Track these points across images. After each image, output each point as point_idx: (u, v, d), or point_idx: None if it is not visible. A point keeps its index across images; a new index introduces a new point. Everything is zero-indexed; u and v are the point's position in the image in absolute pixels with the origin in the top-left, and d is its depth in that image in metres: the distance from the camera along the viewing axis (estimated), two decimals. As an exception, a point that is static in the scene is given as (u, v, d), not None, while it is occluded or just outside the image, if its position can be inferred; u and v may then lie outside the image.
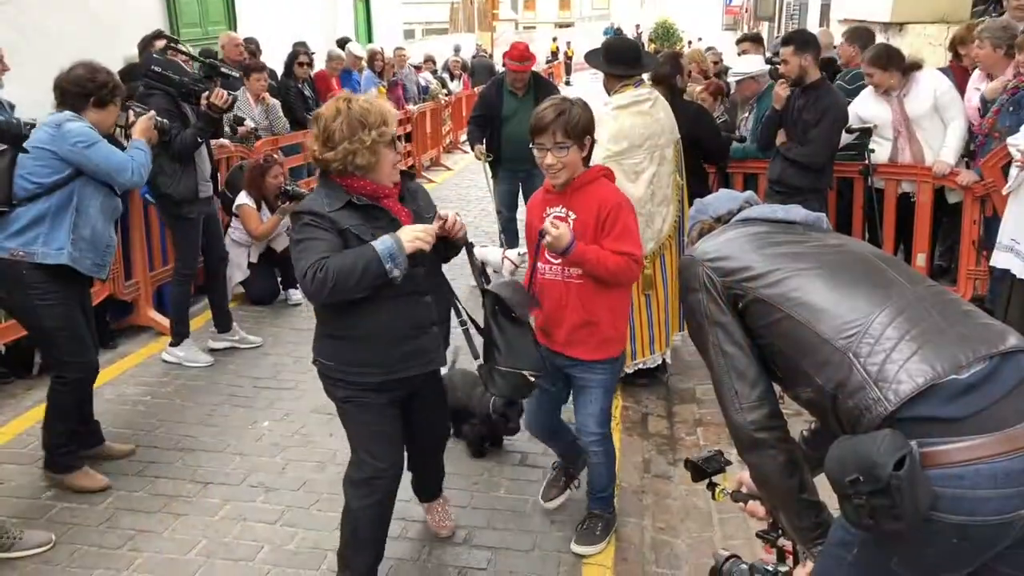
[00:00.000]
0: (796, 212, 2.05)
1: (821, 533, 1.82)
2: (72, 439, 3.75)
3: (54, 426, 3.69)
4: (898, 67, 5.21)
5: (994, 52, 5.10)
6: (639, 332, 4.56)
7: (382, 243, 2.53)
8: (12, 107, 4.44)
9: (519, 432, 3.91)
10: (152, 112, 4.17)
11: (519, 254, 6.25)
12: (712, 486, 2.19)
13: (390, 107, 2.72)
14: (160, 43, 4.83)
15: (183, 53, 5.17)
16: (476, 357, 2.92)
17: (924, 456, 1.53)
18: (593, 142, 2.99)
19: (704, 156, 5.27)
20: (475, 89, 16.68)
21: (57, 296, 3.55)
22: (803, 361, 1.74)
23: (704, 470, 2.17)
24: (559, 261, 3.01)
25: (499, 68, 21.40)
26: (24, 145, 3.32)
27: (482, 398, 3.92)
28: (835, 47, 7.24)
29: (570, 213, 2.99)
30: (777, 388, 1.91)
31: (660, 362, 4.82)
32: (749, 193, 2.26)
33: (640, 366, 4.71)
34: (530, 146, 2.97)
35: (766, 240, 1.93)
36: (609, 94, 4.49)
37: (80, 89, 3.60)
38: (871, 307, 1.70)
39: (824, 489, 1.74)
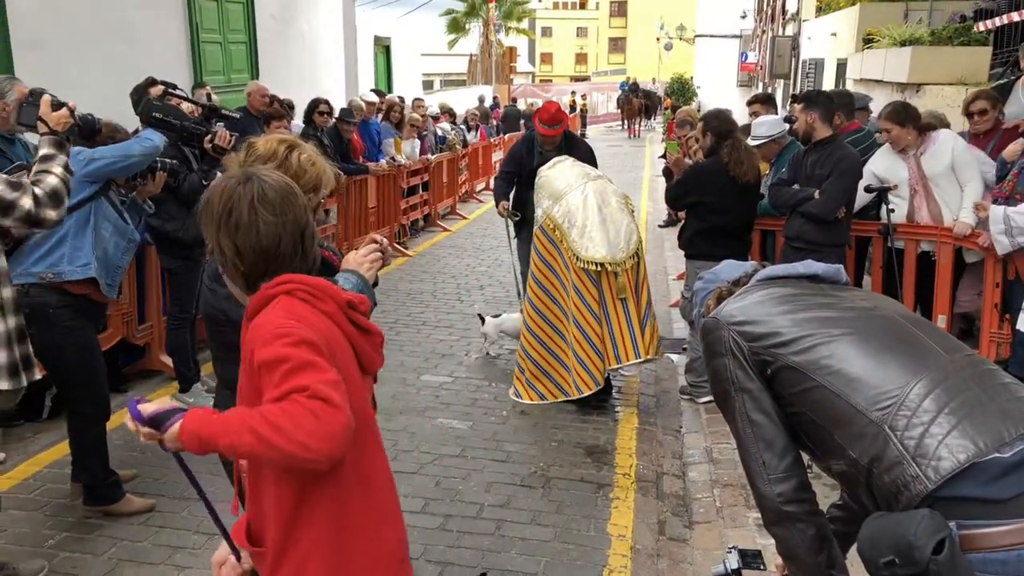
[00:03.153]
0: (814, 267, 2.01)
1: (852, 613, 1.75)
2: (108, 468, 3.85)
3: (89, 463, 3.78)
4: (915, 124, 5.20)
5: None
6: (619, 337, 5.03)
7: (347, 280, 2.30)
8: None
9: None
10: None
11: None
12: None
13: (331, 174, 2.43)
14: (156, 90, 4.87)
15: (181, 98, 5.19)
16: None
17: (964, 539, 1.47)
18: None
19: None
20: (493, 139, 16.92)
21: (81, 333, 3.70)
22: (836, 432, 1.68)
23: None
24: None
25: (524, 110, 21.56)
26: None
27: None
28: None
29: None
30: (805, 457, 1.84)
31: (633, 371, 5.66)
32: (754, 263, 2.20)
33: (622, 372, 5.47)
34: None
35: (795, 302, 1.88)
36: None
37: None
38: (906, 377, 1.64)
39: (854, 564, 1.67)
